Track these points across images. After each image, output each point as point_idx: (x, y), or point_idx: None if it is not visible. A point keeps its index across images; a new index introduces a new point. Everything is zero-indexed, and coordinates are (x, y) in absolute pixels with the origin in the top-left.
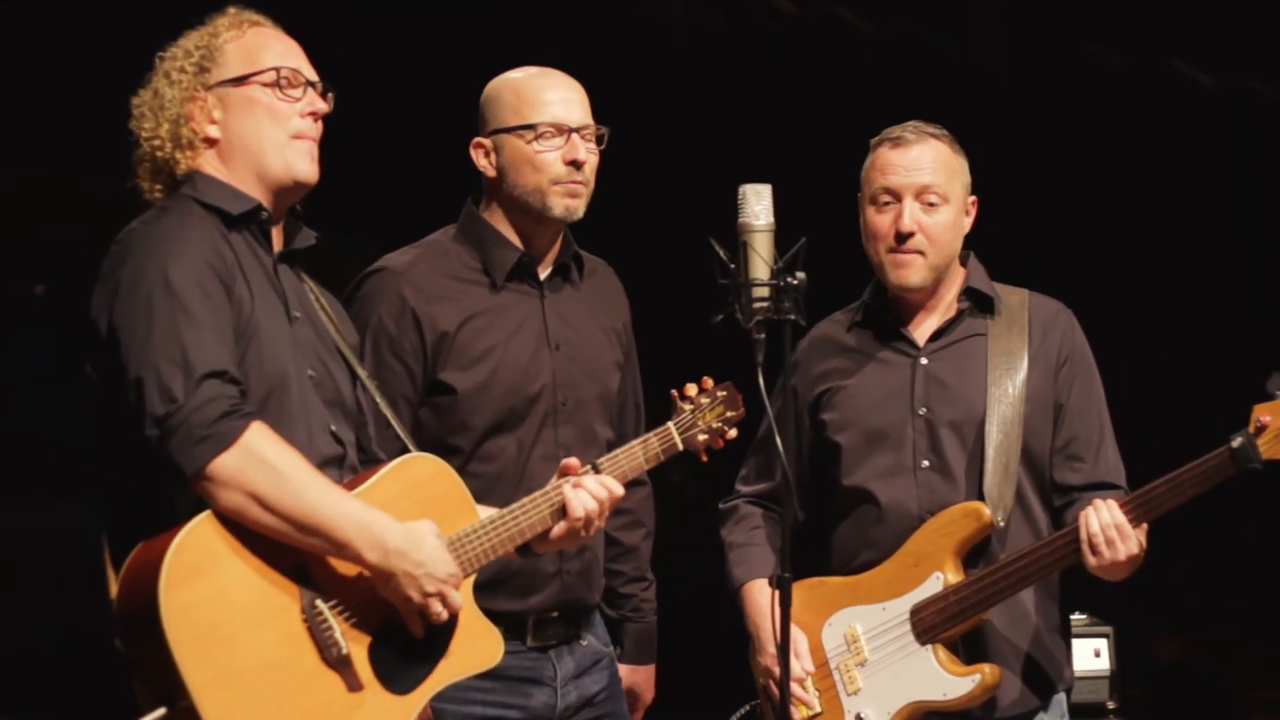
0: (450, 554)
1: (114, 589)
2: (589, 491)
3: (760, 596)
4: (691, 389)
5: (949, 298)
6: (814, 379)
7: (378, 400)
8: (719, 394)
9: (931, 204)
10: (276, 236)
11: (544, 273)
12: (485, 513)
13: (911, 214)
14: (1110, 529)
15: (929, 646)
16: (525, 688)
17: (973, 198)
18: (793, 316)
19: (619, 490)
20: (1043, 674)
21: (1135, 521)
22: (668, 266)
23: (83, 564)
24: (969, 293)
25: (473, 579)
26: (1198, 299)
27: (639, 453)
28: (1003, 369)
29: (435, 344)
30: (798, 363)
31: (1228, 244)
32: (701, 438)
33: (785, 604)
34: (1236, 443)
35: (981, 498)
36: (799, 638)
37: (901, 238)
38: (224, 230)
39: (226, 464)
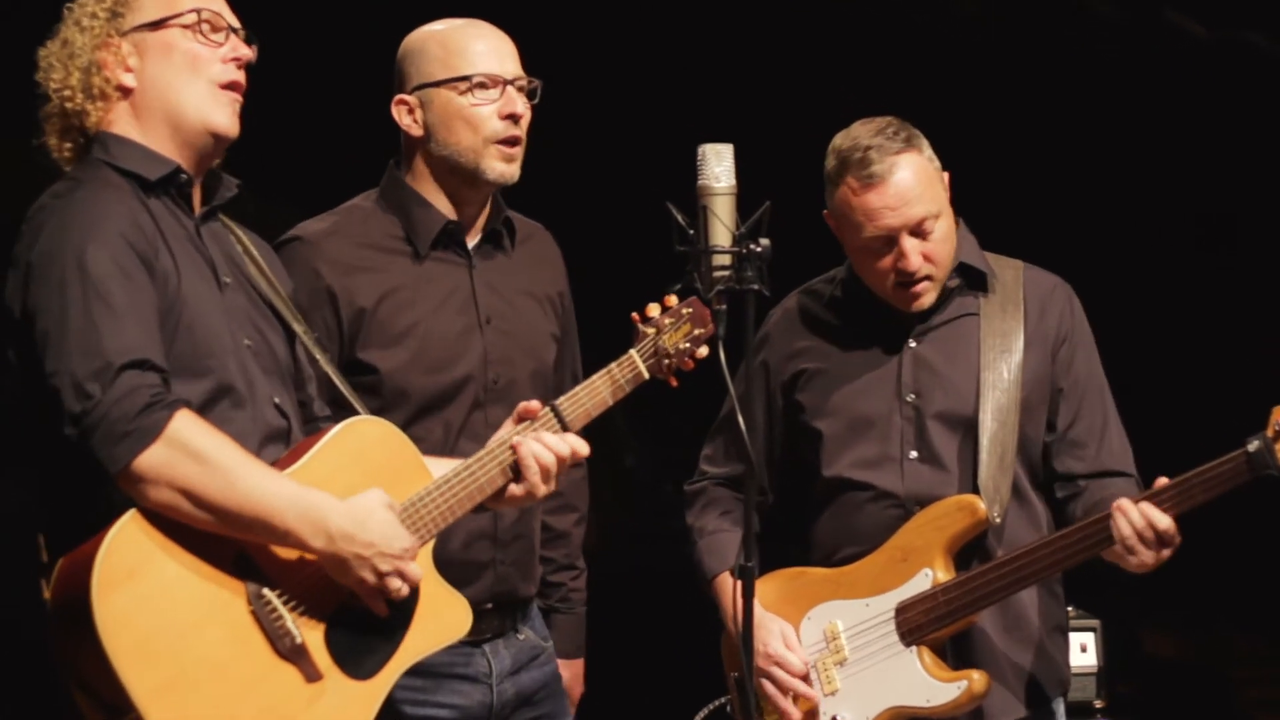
0: (406, 521)
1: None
2: (547, 445)
3: (729, 594)
4: (653, 309)
5: None
6: (789, 355)
7: (318, 356)
8: (684, 311)
9: (927, 231)
10: (197, 195)
11: (472, 240)
12: (438, 468)
13: (914, 251)
14: (1146, 529)
15: (913, 648)
16: (458, 685)
17: (945, 175)
18: (756, 286)
19: (581, 447)
20: (1039, 679)
21: (1168, 514)
22: (619, 233)
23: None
24: (959, 269)
25: (432, 545)
26: (1210, 275)
27: (602, 387)
28: (997, 351)
29: (352, 321)
30: (769, 335)
31: (1242, 216)
32: (668, 361)
33: (748, 596)
34: (1253, 447)
35: (976, 490)
36: (787, 628)
37: (908, 274)
38: (142, 197)
39: (152, 460)
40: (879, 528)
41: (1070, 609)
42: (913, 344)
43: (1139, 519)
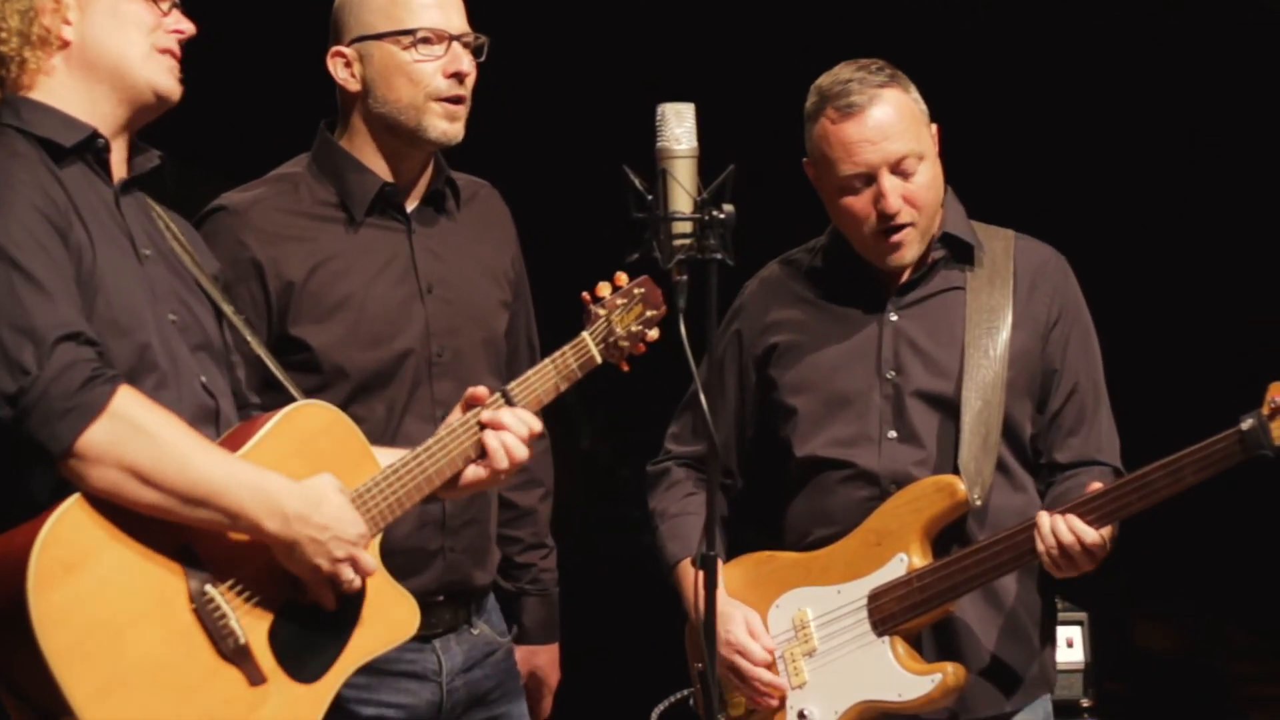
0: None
1: None
2: (511, 430)
3: (690, 581)
4: (604, 288)
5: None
6: (764, 328)
7: (248, 338)
8: (635, 291)
9: (909, 170)
10: (117, 163)
11: (412, 204)
12: (386, 458)
13: (894, 191)
14: (1073, 545)
15: (886, 639)
16: (405, 683)
17: (934, 126)
18: (719, 255)
19: (538, 426)
20: (1024, 675)
21: (1100, 523)
22: (573, 199)
23: None
24: (945, 240)
25: (379, 539)
26: (1211, 247)
27: (553, 371)
28: (983, 328)
29: (281, 294)
30: (744, 306)
31: (1247, 181)
32: (622, 344)
33: (710, 586)
34: (1246, 425)
35: (956, 471)
36: (752, 616)
37: (888, 217)
38: (53, 166)
39: (97, 437)
40: (854, 509)
41: (1055, 600)
42: (894, 317)
43: (1066, 534)
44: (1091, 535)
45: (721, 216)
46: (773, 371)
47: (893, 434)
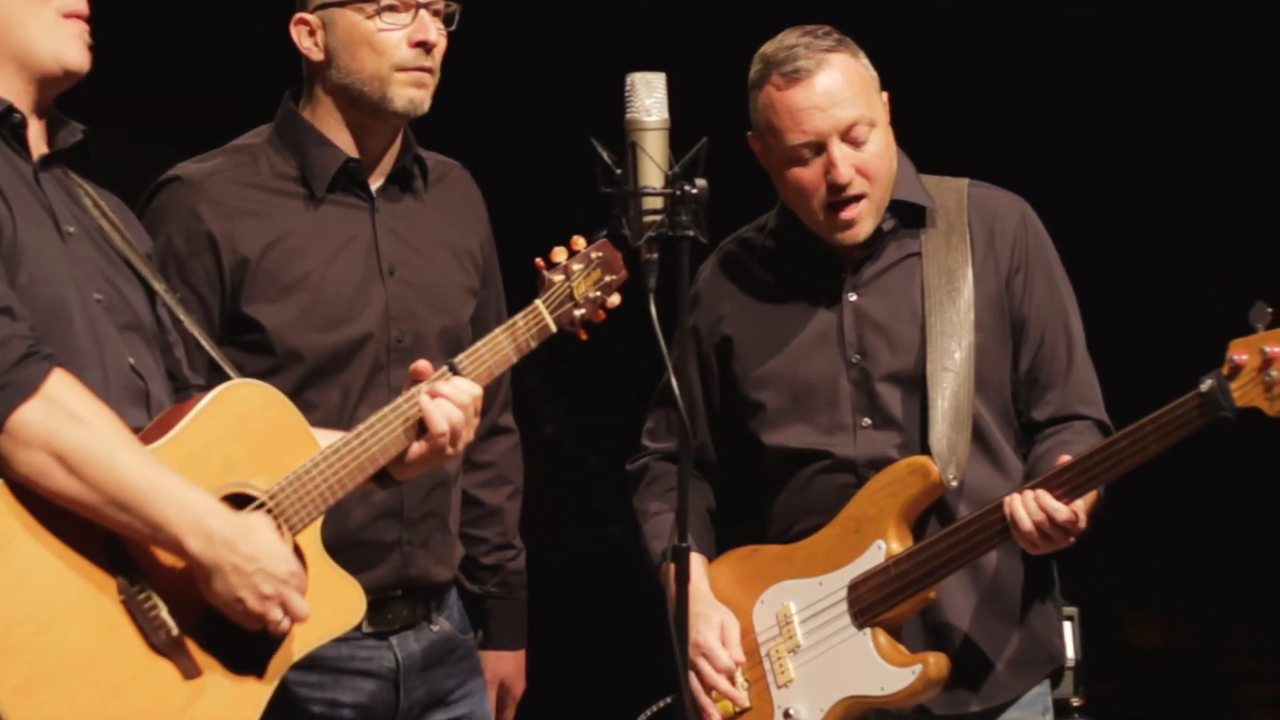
0: (292, 496)
1: None
2: (450, 399)
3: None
4: (559, 253)
5: None
6: (716, 318)
7: (182, 318)
8: (593, 255)
9: (861, 140)
10: (36, 139)
11: (376, 181)
12: (326, 440)
13: (845, 160)
14: (1044, 524)
15: (867, 630)
16: (360, 682)
17: (885, 95)
18: (692, 232)
19: (477, 389)
20: (1025, 657)
21: (1071, 497)
22: (538, 173)
23: None
24: (894, 207)
25: (319, 523)
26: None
27: (505, 342)
28: (943, 293)
29: (235, 270)
30: (698, 294)
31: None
32: (578, 312)
33: (681, 580)
34: (1205, 386)
35: (929, 452)
36: (729, 621)
37: (839, 190)
38: None
39: (30, 416)
40: (836, 499)
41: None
42: (853, 297)
43: (1037, 511)
44: (1062, 512)
45: (694, 191)
46: (734, 365)
47: (867, 421)
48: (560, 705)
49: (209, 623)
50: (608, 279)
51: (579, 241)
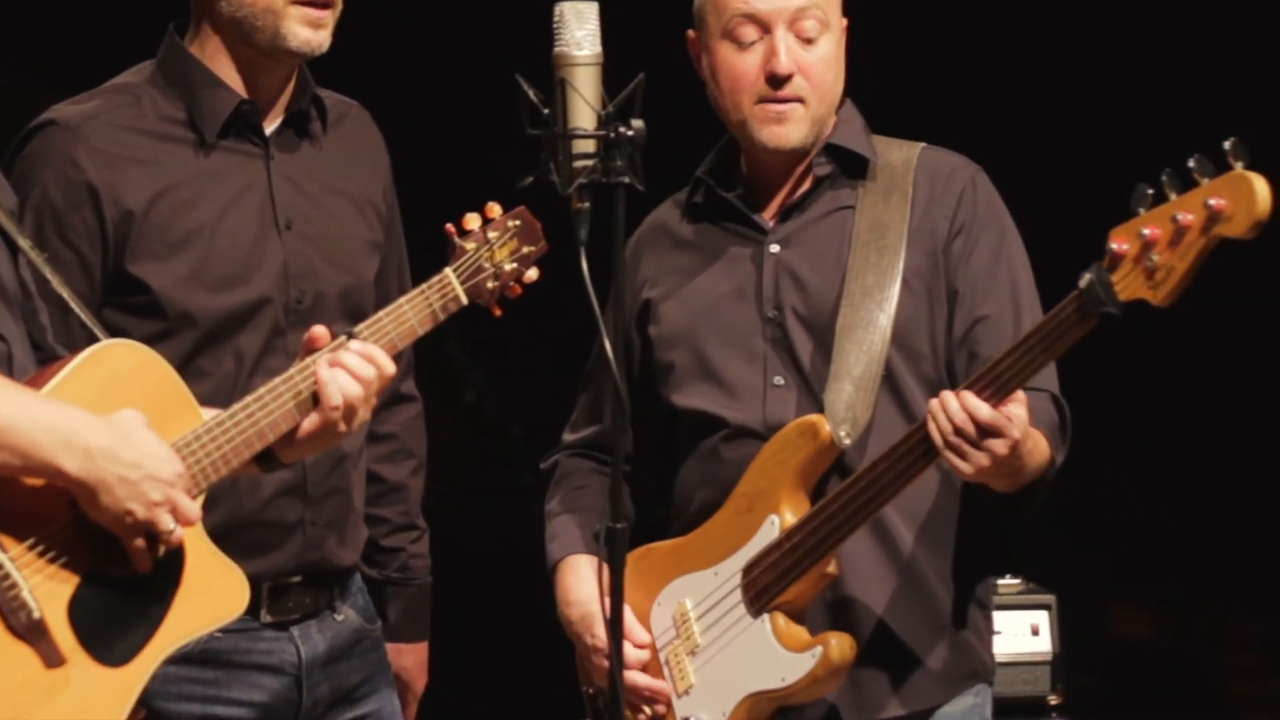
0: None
1: None
2: (348, 369)
3: (570, 577)
4: (472, 220)
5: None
6: (640, 285)
7: (50, 278)
8: (510, 224)
9: (809, 36)
10: None
11: (271, 125)
12: (210, 413)
13: (788, 50)
14: (965, 424)
15: (764, 616)
16: (257, 677)
17: (844, 20)
18: (627, 179)
19: (389, 366)
20: (941, 662)
21: (994, 398)
22: (454, 114)
23: None
24: (832, 152)
25: (202, 500)
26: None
27: (410, 313)
28: (871, 247)
29: (119, 225)
30: (623, 263)
31: None
32: (492, 284)
33: (617, 568)
34: (1084, 281)
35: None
36: (631, 626)
37: (777, 82)
38: None
39: None
40: (736, 470)
41: (1017, 580)
42: (774, 249)
43: (957, 410)
44: (984, 410)
45: (629, 134)
46: (651, 329)
47: (779, 380)
48: (473, 710)
49: (78, 604)
50: (526, 250)
51: (494, 208)
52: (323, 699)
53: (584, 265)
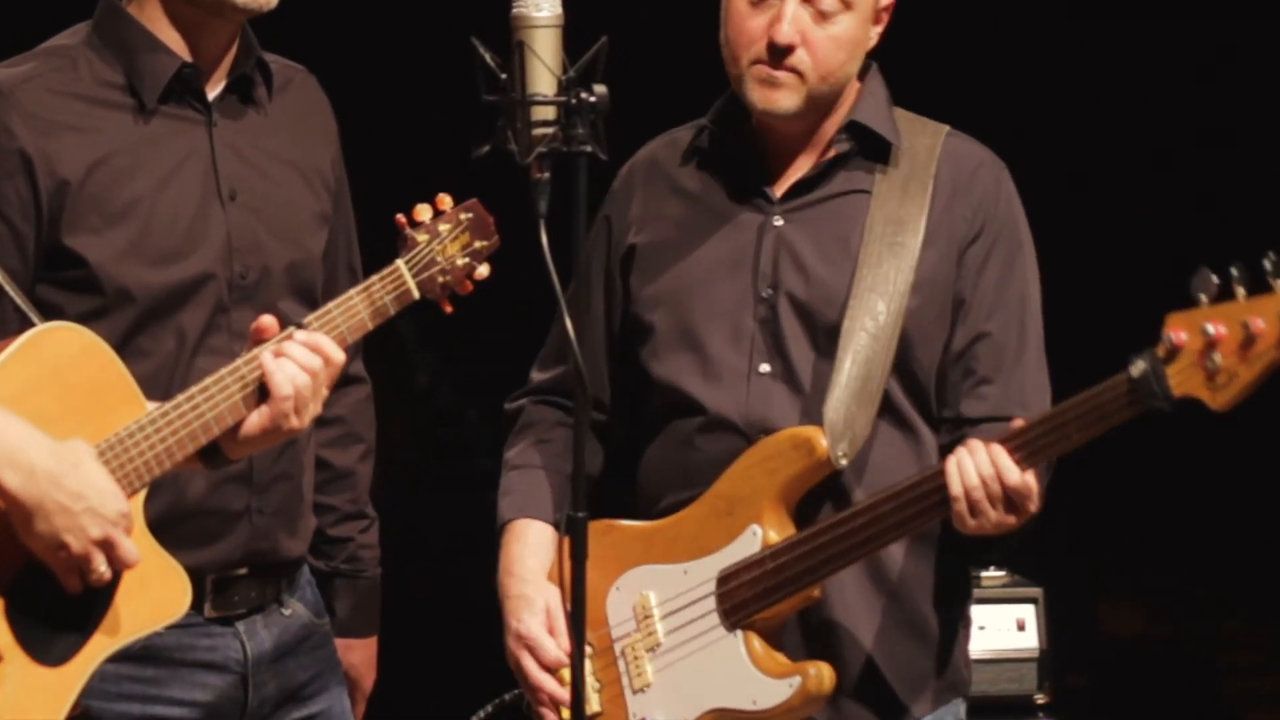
0: (111, 463)
1: None
2: (297, 361)
3: (516, 545)
4: (423, 211)
5: (831, 132)
6: (629, 223)
7: None
8: (461, 217)
9: (825, 10)
10: None
11: (214, 90)
12: (156, 404)
13: (794, 19)
14: (992, 482)
15: (739, 632)
16: (200, 675)
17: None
18: (589, 148)
19: (338, 356)
20: (920, 676)
21: (1025, 464)
22: (406, 78)
23: None
24: (853, 130)
25: (143, 496)
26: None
27: (360, 306)
28: (885, 243)
29: (53, 195)
30: (612, 194)
31: None
32: (443, 279)
33: (579, 558)
34: (1137, 370)
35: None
36: (555, 605)
37: (777, 51)
38: None
39: None
40: (713, 466)
41: (1002, 573)
42: (779, 221)
43: (987, 466)
44: (1014, 474)
45: (592, 100)
46: (633, 279)
47: (765, 368)
48: (425, 708)
49: (12, 600)
50: (478, 244)
51: (445, 199)
52: (269, 698)
53: (544, 239)
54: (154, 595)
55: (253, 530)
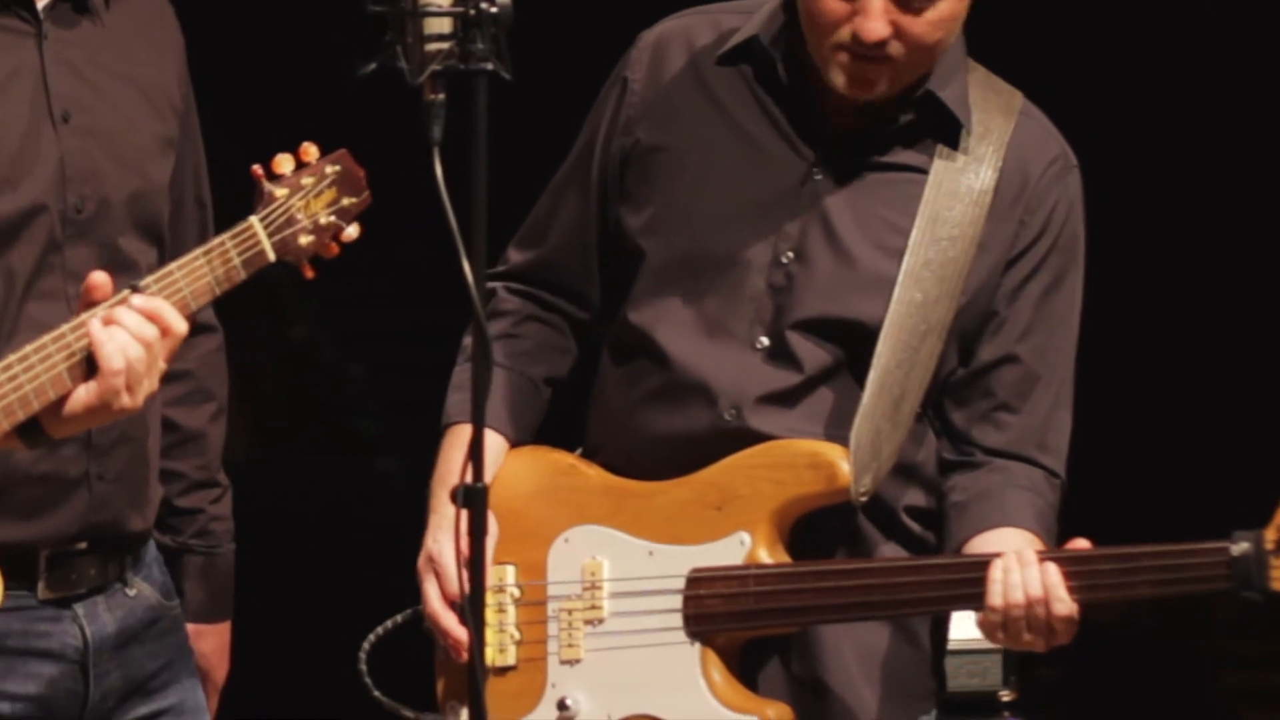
0: None
1: None
2: (130, 330)
3: (457, 451)
4: (284, 162)
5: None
6: (646, 108)
7: None
8: (328, 170)
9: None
10: None
11: None
12: None
13: (881, 14)
14: (1038, 606)
15: (698, 646)
16: (33, 665)
17: None
18: (490, 65)
19: (179, 325)
20: (902, 687)
21: (1080, 596)
22: None
23: None
24: (922, 101)
25: None
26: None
27: (205, 269)
28: (934, 243)
29: None
30: (636, 62)
31: None
32: (305, 240)
33: (477, 534)
34: (1238, 549)
35: (846, 443)
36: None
37: (863, 44)
38: None
39: None
40: (670, 437)
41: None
42: (819, 177)
43: (1036, 588)
44: (1065, 605)
45: (493, 10)
46: (631, 180)
47: (765, 341)
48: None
49: None
50: (346, 202)
51: (310, 150)
52: (113, 690)
53: (438, 169)
54: None
55: (92, 500)
